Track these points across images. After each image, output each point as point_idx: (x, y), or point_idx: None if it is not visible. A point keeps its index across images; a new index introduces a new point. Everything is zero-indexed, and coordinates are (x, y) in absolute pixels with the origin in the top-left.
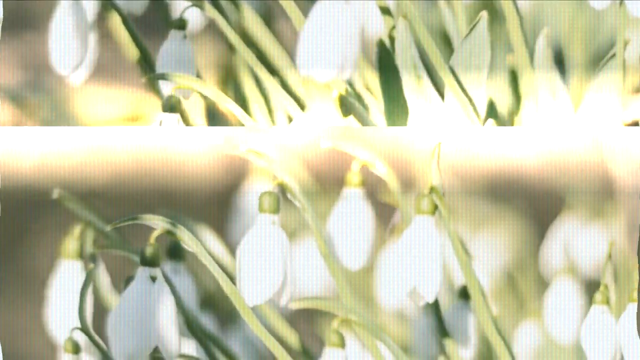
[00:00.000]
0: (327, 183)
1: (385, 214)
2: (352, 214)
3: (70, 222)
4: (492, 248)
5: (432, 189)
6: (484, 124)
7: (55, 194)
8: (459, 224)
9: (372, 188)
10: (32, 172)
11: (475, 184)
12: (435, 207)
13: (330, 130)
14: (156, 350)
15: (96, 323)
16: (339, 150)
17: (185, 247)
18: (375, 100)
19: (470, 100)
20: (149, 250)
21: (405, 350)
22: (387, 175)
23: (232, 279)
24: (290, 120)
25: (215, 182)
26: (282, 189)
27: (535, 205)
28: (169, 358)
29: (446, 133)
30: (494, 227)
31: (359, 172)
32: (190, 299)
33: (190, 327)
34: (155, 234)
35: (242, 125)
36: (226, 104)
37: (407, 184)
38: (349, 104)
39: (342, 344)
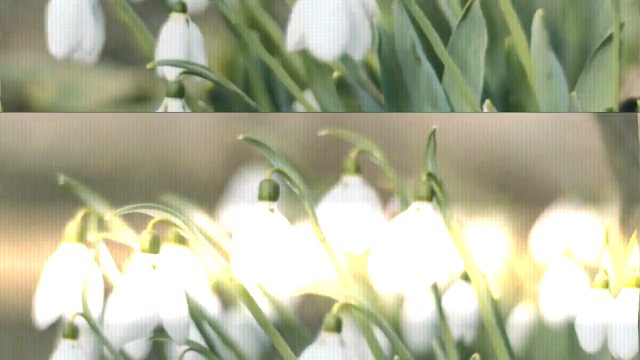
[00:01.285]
0: (325, 170)
1: (384, 201)
2: (349, 201)
3: (75, 207)
4: (488, 233)
5: (429, 175)
6: (480, 105)
7: (61, 180)
8: (455, 210)
9: (370, 174)
10: (36, 157)
11: (471, 169)
12: (433, 193)
13: (327, 117)
14: (160, 334)
15: (96, 308)
16: (337, 137)
17: (184, 234)
18: (373, 83)
19: (467, 82)
20: (146, 238)
21: (401, 336)
22: (384, 161)
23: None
24: (291, 101)
25: (216, 168)
26: (281, 176)
27: (531, 190)
28: (179, 342)
29: (443, 118)
30: (489, 213)
31: (355, 158)
32: (194, 285)
33: (191, 312)
34: (153, 221)
35: (245, 109)
36: (229, 88)
37: (405, 169)
38: (348, 86)
39: (338, 328)
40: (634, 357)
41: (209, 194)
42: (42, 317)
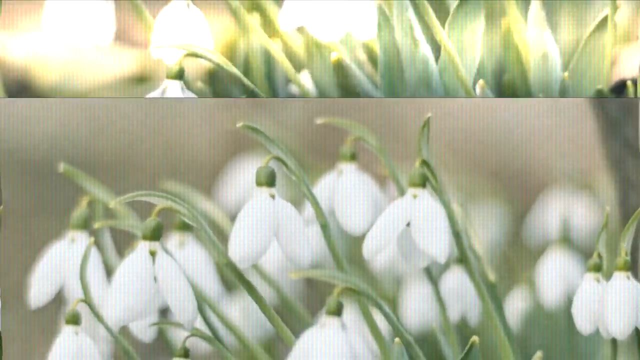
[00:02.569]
0: (321, 157)
1: (381, 187)
2: (346, 187)
3: (76, 195)
4: (483, 219)
5: (423, 162)
6: (474, 86)
7: (61, 168)
8: (450, 195)
9: (367, 161)
10: (37, 144)
11: (465, 154)
12: (426, 179)
13: (324, 103)
14: (166, 320)
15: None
16: (333, 124)
17: (187, 220)
18: (372, 65)
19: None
20: (149, 225)
21: (401, 319)
22: (380, 147)
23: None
24: (288, 82)
25: (217, 154)
26: (279, 163)
27: (526, 175)
28: (187, 326)
29: (438, 104)
30: (484, 199)
31: (351, 145)
32: (199, 270)
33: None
34: (157, 209)
35: (243, 91)
36: (229, 70)
37: (402, 155)
38: (347, 67)
39: (339, 312)
40: (627, 338)
41: (210, 180)
42: (35, 297)
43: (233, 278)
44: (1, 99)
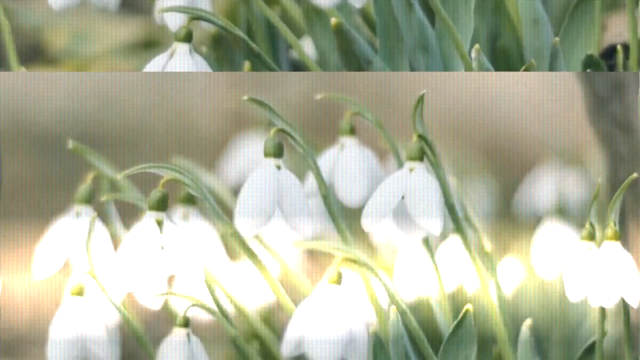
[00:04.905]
0: (321, 131)
1: (380, 160)
2: (346, 161)
3: (85, 169)
4: (477, 193)
5: (420, 137)
6: (469, 53)
7: (70, 144)
8: (445, 169)
9: (366, 134)
10: (43, 118)
11: (457, 127)
12: (424, 153)
13: (323, 77)
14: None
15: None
16: (332, 99)
17: (192, 192)
18: (369, 29)
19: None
20: (156, 195)
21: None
22: (378, 121)
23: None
24: (289, 47)
25: (220, 128)
26: (284, 135)
27: (518, 150)
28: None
29: (434, 78)
30: (478, 173)
31: (350, 119)
32: (203, 242)
33: None
34: (163, 180)
35: (248, 54)
36: (234, 32)
37: (400, 129)
38: (347, 31)
39: (339, 280)
40: (615, 306)
41: (215, 154)
42: (40, 269)
43: (236, 249)
44: (5, 73)
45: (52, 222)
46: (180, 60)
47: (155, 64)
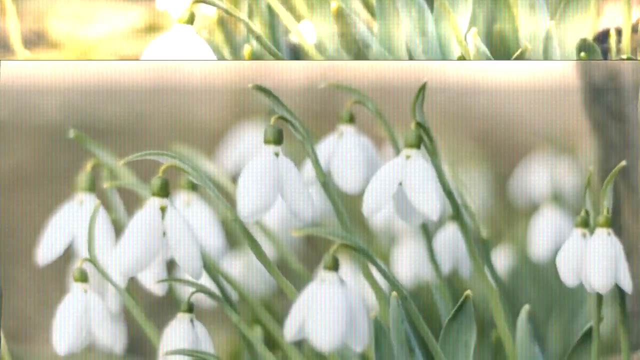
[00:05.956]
0: (322, 120)
1: (379, 147)
2: (344, 149)
3: (86, 157)
4: (472, 180)
5: (418, 125)
6: (466, 36)
7: (71, 133)
8: (442, 156)
9: (366, 122)
10: (44, 106)
11: (453, 118)
12: (421, 141)
13: (324, 66)
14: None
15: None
16: (334, 88)
17: (193, 179)
18: (369, 15)
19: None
20: (157, 181)
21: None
22: (378, 109)
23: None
24: (288, 32)
25: (222, 115)
26: (283, 123)
27: (513, 138)
28: (194, 276)
29: (434, 67)
30: (473, 161)
31: (350, 108)
32: (205, 228)
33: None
34: (163, 167)
35: (250, 39)
36: (235, 15)
37: (399, 117)
38: (347, 16)
39: (335, 267)
40: (609, 291)
41: (214, 142)
42: (44, 255)
43: (237, 235)
44: (7, 62)
45: (54, 209)
46: (181, 42)
47: (157, 46)
